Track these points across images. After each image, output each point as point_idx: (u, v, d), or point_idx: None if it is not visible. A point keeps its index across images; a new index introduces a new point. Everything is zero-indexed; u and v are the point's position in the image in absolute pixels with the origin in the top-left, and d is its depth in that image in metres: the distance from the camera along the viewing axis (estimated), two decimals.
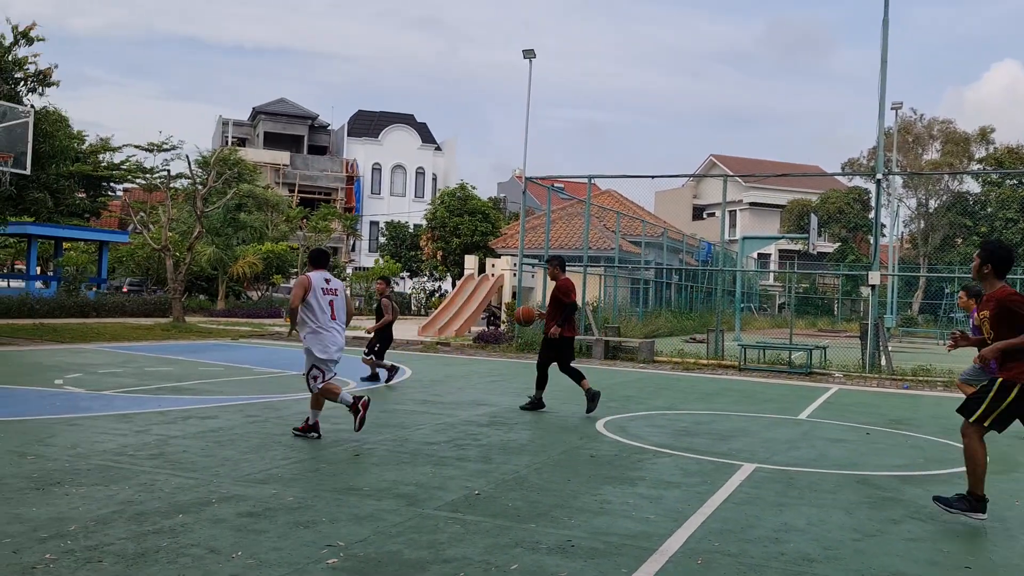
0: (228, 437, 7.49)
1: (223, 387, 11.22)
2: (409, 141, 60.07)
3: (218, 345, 18.74)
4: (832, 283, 52.27)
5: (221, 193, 31.17)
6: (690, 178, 65.81)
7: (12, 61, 17.38)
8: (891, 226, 40.16)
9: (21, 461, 6.22)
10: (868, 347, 16.85)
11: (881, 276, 18.27)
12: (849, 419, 10.36)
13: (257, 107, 61.01)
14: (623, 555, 4.53)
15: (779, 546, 4.83)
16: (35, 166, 17.12)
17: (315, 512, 5.12)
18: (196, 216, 26.57)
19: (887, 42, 17.21)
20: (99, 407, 9.12)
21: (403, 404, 10.10)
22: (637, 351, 18.26)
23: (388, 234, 47.01)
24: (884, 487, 6.53)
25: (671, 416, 10.06)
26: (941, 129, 49.40)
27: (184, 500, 5.28)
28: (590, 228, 24.05)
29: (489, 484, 6.06)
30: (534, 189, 40.00)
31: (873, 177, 18.61)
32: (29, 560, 4.07)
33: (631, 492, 6.00)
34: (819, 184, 58.90)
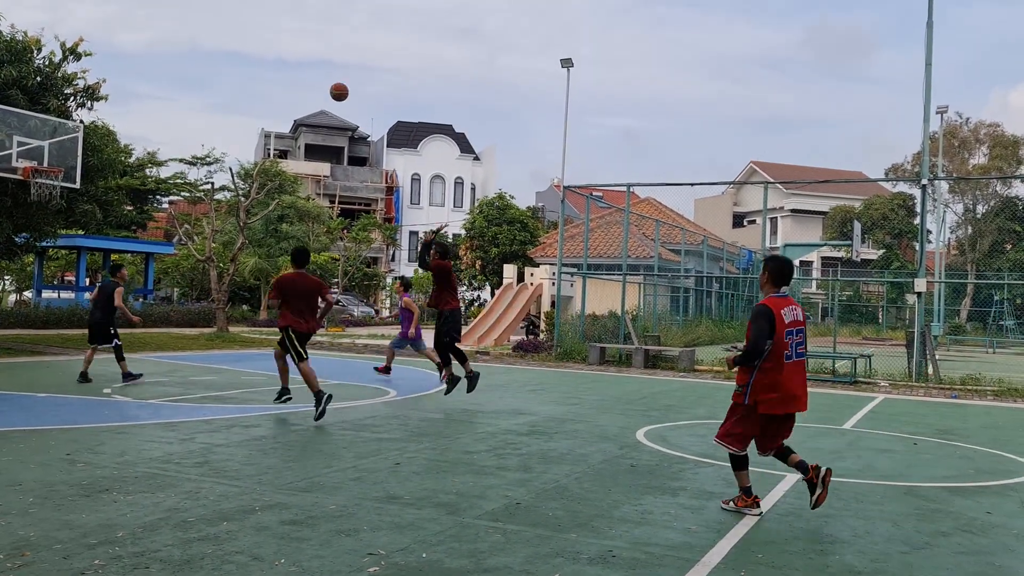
0: (271, 445, 7.58)
1: (266, 396, 11.36)
2: (448, 151, 60.42)
3: (260, 355, 18.98)
4: (877, 290, 51.37)
5: (263, 204, 31.64)
6: (730, 185, 65.31)
7: (61, 77, 17.84)
8: (937, 232, 39.38)
9: (71, 468, 6.36)
10: (915, 355, 16.53)
11: (927, 283, 17.93)
12: (895, 429, 10.17)
13: (298, 119, 61.84)
14: (665, 566, 4.49)
15: (824, 558, 4.75)
16: (84, 180, 17.52)
17: (356, 520, 5.15)
18: (239, 227, 27.01)
19: (931, 44, 16.93)
20: (146, 416, 9.29)
21: (443, 413, 10.14)
22: (677, 360, 18.11)
23: None
24: (932, 498, 6.39)
25: (712, 426, 9.93)
26: (988, 133, 48.38)
27: (228, 508, 5.35)
28: (629, 236, 23.95)
29: (529, 493, 6.05)
30: (572, 198, 40.00)
31: (918, 182, 18.28)
32: (79, 565, 4.16)
33: (672, 502, 5.95)
34: (862, 190, 58.02)
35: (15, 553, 4.30)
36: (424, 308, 12.27)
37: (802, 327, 5.78)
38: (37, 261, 30.39)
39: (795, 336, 5.66)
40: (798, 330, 5.71)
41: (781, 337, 5.56)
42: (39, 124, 16.18)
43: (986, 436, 9.85)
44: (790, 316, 5.65)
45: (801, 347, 5.74)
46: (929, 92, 16.89)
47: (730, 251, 38.62)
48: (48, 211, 17.43)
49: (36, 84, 17.16)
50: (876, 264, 52.08)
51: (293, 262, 9.71)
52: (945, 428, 10.45)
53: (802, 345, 5.75)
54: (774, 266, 5.83)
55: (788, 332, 5.59)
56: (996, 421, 11.41)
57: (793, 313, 5.68)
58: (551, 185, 65.62)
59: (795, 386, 5.66)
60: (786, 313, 5.63)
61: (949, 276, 42.64)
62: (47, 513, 5.09)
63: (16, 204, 17.03)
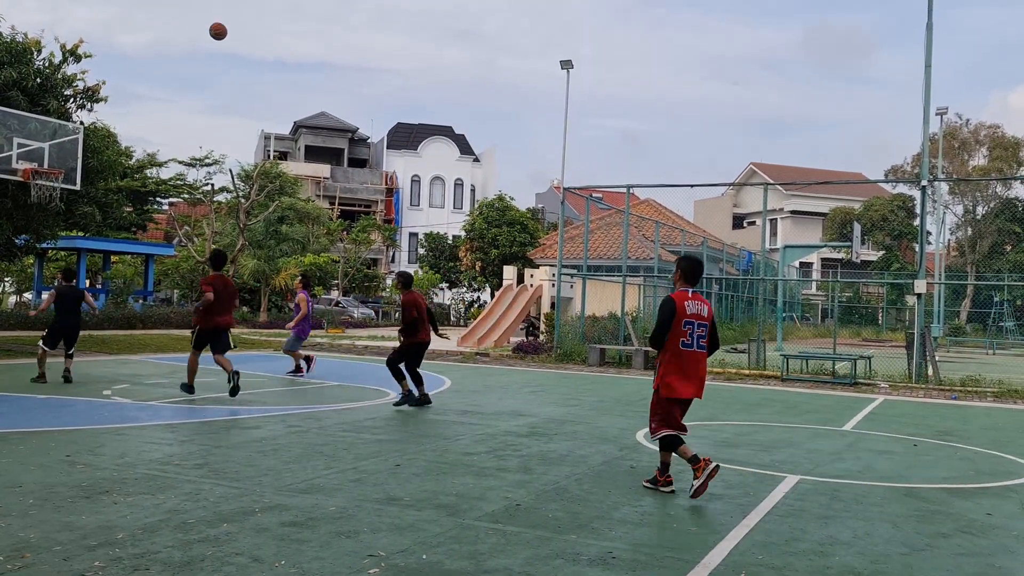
0: (271, 447, 7.58)
1: (265, 398, 11.36)
2: (448, 153, 60.46)
3: (260, 356, 18.99)
4: (876, 292, 51.39)
5: (263, 206, 31.65)
6: (730, 186, 65.33)
7: (61, 79, 17.84)
8: (937, 233, 39.41)
9: (71, 470, 6.36)
10: (915, 357, 16.53)
11: (927, 284, 17.94)
12: (895, 430, 10.17)
13: (298, 121, 61.89)
14: (665, 567, 4.49)
15: (824, 559, 4.75)
16: (84, 181, 17.52)
17: (357, 522, 5.15)
18: (239, 229, 27.01)
19: (931, 46, 16.94)
20: (146, 417, 9.29)
21: (443, 415, 10.14)
22: None
23: (427, 245, 47.32)
24: (933, 500, 6.39)
25: (713, 427, 9.96)
26: (988, 134, 48.40)
27: (228, 509, 5.35)
28: (629, 238, 23.95)
29: (529, 495, 6.05)
30: (572, 199, 40.01)
31: (918, 184, 18.29)
32: (79, 567, 4.16)
33: (672, 504, 5.95)
34: (862, 191, 58.03)
35: (15, 555, 4.30)
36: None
37: (705, 322, 6.33)
38: (37, 263, 30.39)
39: (695, 328, 6.27)
40: (699, 324, 6.29)
41: (679, 327, 6.20)
42: (39, 126, 16.19)
43: (986, 437, 9.85)
44: (692, 309, 6.27)
45: (703, 340, 6.33)
46: (929, 93, 16.91)
47: (730, 252, 38.63)
48: (48, 213, 17.43)
49: (36, 86, 17.16)
50: (876, 265, 52.10)
51: (212, 265, 11.49)
52: (945, 429, 10.45)
53: (704, 338, 6.33)
54: (685, 265, 6.48)
55: (687, 323, 6.23)
56: (996, 422, 11.41)
57: (696, 307, 6.29)
58: (551, 186, 65.63)
59: (696, 372, 6.31)
60: (688, 306, 6.27)
61: (949, 277, 42.65)
62: (47, 515, 5.09)
63: (16, 206, 17.03)
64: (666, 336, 6.23)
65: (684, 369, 6.26)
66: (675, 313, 6.21)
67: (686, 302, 6.27)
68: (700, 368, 6.38)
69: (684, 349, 6.24)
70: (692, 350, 6.26)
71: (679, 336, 6.22)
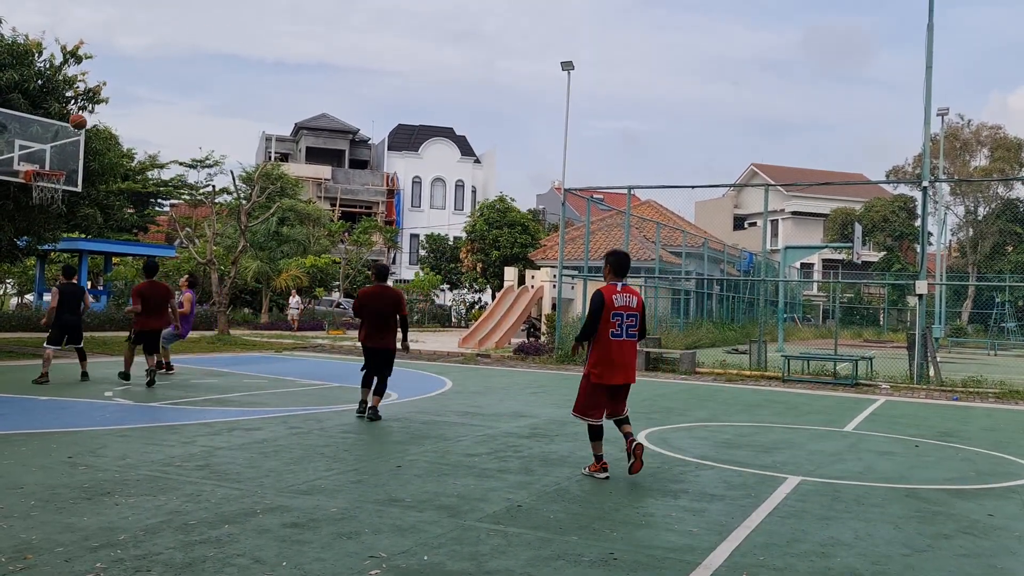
0: (272, 448, 7.59)
1: (267, 399, 11.37)
2: (449, 154, 60.47)
3: (262, 357, 19.00)
4: (878, 293, 51.36)
5: (264, 208, 31.66)
6: (731, 188, 65.32)
7: (62, 80, 17.85)
8: (938, 234, 39.40)
9: (73, 471, 6.36)
10: (916, 358, 16.52)
11: (928, 285, 17.92)
12: (897, 431, 10.16)
13: (299, 122, 61.90)
14: (666, 568, 4.49)
15: (826, 560, 4.74)
16: (86, 183, 17.53)
17: (358, 523, 5.15)
18: (240, 231, 27.02)
19: (932, 47, 16.94)
20: (147, 419, 9.30)
21: (444, 416, 10.14)
22: (678, 362, 18.11)
23: (428, 246, 47.33)
24: (934, 501, 6.39)
25: (713, 428, 9.96)
26: (990, 135, 48.39)
27: (230, 510, 5.35)
28: (630, 239, 23.95)
29: (531, 496, 6.05)
30: (573, 200, 40.02)
31: (919, 185, 18.29)
32: (80, 568, 4.16)
33: (674, 505, 5.95)
34: (863, 192, 58.03)
35: (17, 556, 4.31)
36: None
37: (634, 312, 6.78)
38: (39, 264, 30.42)
39: (624, 319, 6.71)
40: (628, 314, 6.74)
41: (608, 318, 6.64)
42: (40, 128, 16.20)
43: (988, 438, 9.84)
44: (621, 301, 6.72)
45: (632, 329, 6.76)
46: (929, 94, 16.91)
47: (731, 253, 38.63)
48: (50, 215, 17.45)
49: (37, 87, 17.18)
50: (877, 266, 52.09)
51: (145, 272, 12.52)
52: (946, 430, 10.44)
53: (634, 328, 6.77)
54: (614, 260, 6.93)
55: (616, 314, 6.67)
56: (998, 423, 11.40)
57: (625, 299, 6.74)
58: (552, 187, 65.63)
59: (622, 360, 6.72)
60: (617, 298, 6.71)
61: (950, 278, 42.62)
62: (49, 516, 5.10)
63: (18, 207, 17.05)
64: (597, 327, 6.65)
65: (613, 357, 6.67)
66: (604, 305, 6.65)
67: (614, 295, 6.72)
68: (629, 356, 6.79)
69: (613, 339, 6.67)
70: (621, 339, 6.70)
71: (608, 327, 6.66)
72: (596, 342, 6.70)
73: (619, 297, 6.72)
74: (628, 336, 6.73)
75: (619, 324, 6.68)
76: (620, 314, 6.68)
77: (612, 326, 6.66)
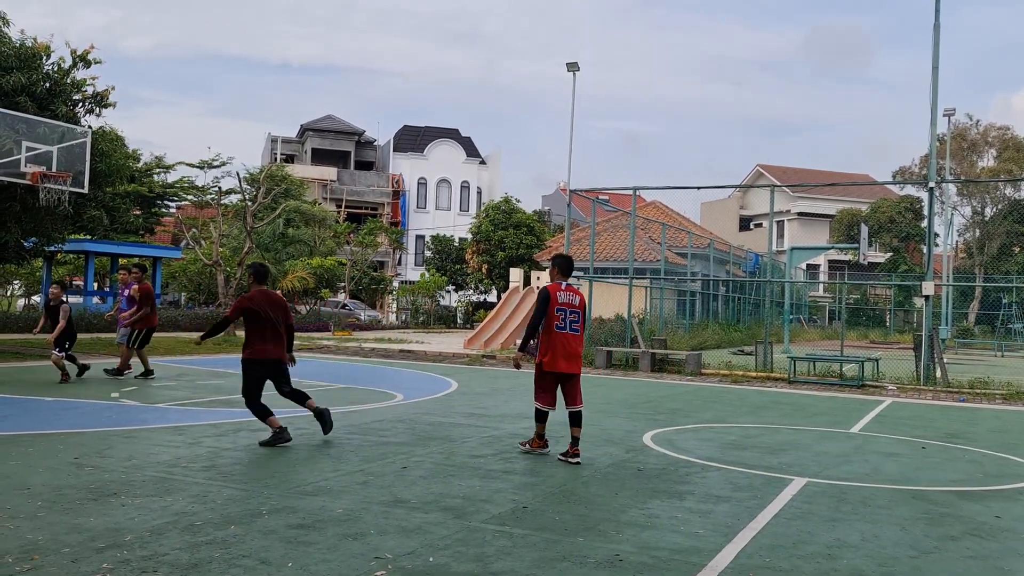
0: (277, 449, 7.60)
1: (272, 400, 11.37)
2: (454, 155, 60.48)
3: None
4: (884, 294, 51.21)
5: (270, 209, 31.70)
6: (737, 188, 65.24)
7: (70, 84, 17.91)
8: (945, 235, 39.28)
9: (79, 472, 6.38)
10: (922, 359, 16.47)
11: (935, 286, 17.86)
12: (903, 433, 10.13)
13: (305, 124, 61.97)
14: (672, 570, 4.48)
15: (832, 562, 4.73)
16: (92, 185, 17.58)
17: (363, 524, 5.16)
18: (246, 232, 27.09)
19: (939, 46, 16.89)
20: (154, 420, 9.32)
21: (449, 417, 10.14)
22: (684, 363, 18.09)
23: (434, 248, 47.36)
24: (941, 502, 6.37)
25: (719, 429, 9.94)
26: (997, 135, 48.23)
27: (235, 511, 5.36)
28: (635, 240, 23.94)
29: (536, 497, 6.05)
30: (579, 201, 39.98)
31: (926, 185, 18.23)
32: (87, 569, 4.17)
33: (679, 506, 5.94)
34: (869, 193, 57.87)
35: (24, 557, 4.32)
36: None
37: (576, 309, 7.60)
38: (45, 266, 30.51)
39: (568, 315, 7.52)
40: (571, 311, 7.55)
41: (552, 312, 7.46)
42: (47, 130, 16.26)
43: (995, 440, 9.80)
44: (564, 298, 7.54)
45: (576, 324, 7.57)
46: (936, 94, 16.85)
47: (737, 254, 38.57)
48: (56, 216, 17.50)
49: (44, 90, 17.23)
50: (883, 267, 51.94)
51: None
52: (953, 432, 10.41)
53: (576, 323, 7.57)
54: (560, 262, 7.80)
55: (559, 309, 7.48)
56: (1005, 425, 11.36)
57: (568, 297, 7.56)
58: (557, 189, 65.62)
59: (566, 351, 7.49)
60: (561, 295, 7.52)
61: (957, 279, 42.48)
62: (55, 517, 5.11)
63: (25, 209, 17.10)
64: (542, 320, 7.49)
65: (559, 348, 7.47)
66: (549, 301, 7.47)
67: (559, 292, 7.55)
68: (574, 347, 7.56)
69: (558, 331, 7.48)
70: (566, 332, 7.50)
71: (553, 320, 7.48)
72: (544, 335, 7.51)
73: (563, 295, 7.55)
74: (571, 330, 7.53)
75: (563, 318, 7.49)
76: (564, 309, 7.50)
77: (557, 319, 7.47)
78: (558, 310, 7.48)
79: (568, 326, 7.50)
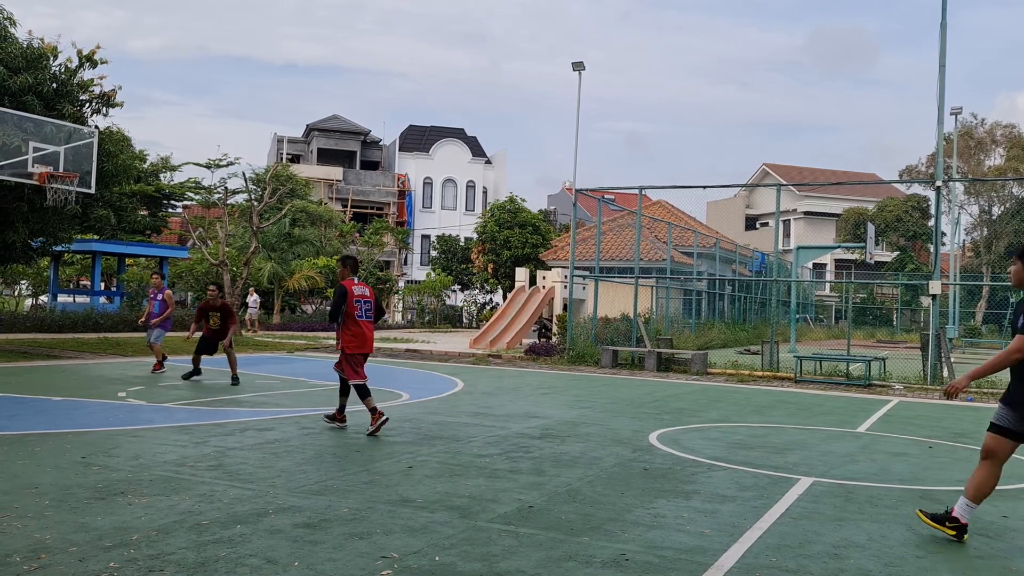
0: (284, 449, 7.61)
1: (279, 399, 11.40)
2: (459, 155, 60.47)
3: (274, 358, 19.06)
4: (891, 293, 51.07)
5: (276, 209, 31.76)
6: (743, 188, 65.15)
7: (77, 84, 17.97)
8: (952, 234, 39.16)
9: (86, 471, 6.40)
10: (929, 358, 16.43)
11: (942, 285, 17.81)
12: (910, 432, 10.11)
13: (311, 124, 62.01)
14: (678, 569, 4.48)
15: (839, 562, 4.72)
16: (99, 185, 17.65)
17: (370, 523, 5.16)
18: (252, 232, 27.13)
19: (945, 46, 16.85)
20: (160, 419, 9.35)
21: (455, 416, 10.15)
22: (690, 363, 18.06)
23: (439, 247, 47.38)
24: (948, 502, 6.34)
25: (725, 429, 9.93)
26: (1004, 134, 48.06)
27: (242, 511, 5.37)
28: (641, 239, 23.90)
29: (542, 497, 6.05)
30: (584, 201, 39.96)
31: (933, 184, 18.17)
32: (94, 568, 4.18)
33: (685, 506, 5.93)
34: (876, 192, 57.74)
35: (31, 556, 4.34)
36: None
37: (368, 299, 8.95)
38: (53, 265, 30.63)
39: (363, 305, 8.86)
40: (365, 301, 8.90)
41: (351, 303, 8.73)
42: (54, 129, 16.31)
43: None
44: (358, 291, 8.83)
45: (369, 312, 8.92)
46: (943, 93, 16.81)
47: (743, 254, 38.50)
48: (63, 216, 17.57)
49: (52, 91, 17.29)
50: (890, 266, 51.81)
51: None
52: (960, 431, 10.38)
53: (370, 311, 8.93)
54: (351, 263, 9.14)
55: (357, 301, 8.79)
56: None
57: (361, 290, 8.88)
58: (562, 188, 65.57)
59: (364, 336, 8.83)
60: (355, 289, 8.80)
61: (964, 278, 42.34)
62: (63, 516, 5.13)
63: (32, 209, 17.17)
64: (342, 311, 8.71)
65: (362, 332, 8.80)
66: (347, 294, 8.71)
67: (354, 287, 8.80)
68: (370, 332, 8.94)
69: (359, 319, 8.79)
70: (364, 320, 8.83)
71: (353, 310, 8.74)
72: (347, 324, 8.74)
73: (356, 288, 8.84)
74: (367, 317, 8.89)
75: (360, 308, 8.82)
76: (359, 300, 8.81)
77: (356, 309, 8.78)
78: (356, 301, 8.77)
79: (364, 314, 8.85)
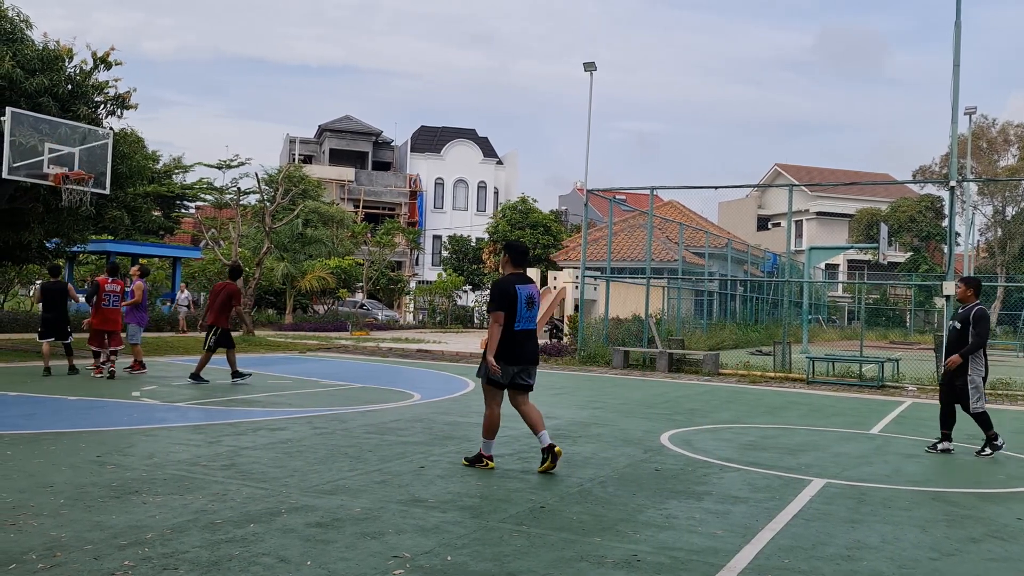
0: (297, 448, 7.64)
1: (291, 399, 11.44)
2: (471, 155, 60.53)
3: (286, 358, 19.13)
4: (904, 294, 50.79)
5: (288, 210, 31.86)
6: (755, 188, 64.94)
7: (92, 86, 18.08)
8: (966, 234, 38.88)
9: (101, 470, 6.45)
10: (943, 359, 16.30)
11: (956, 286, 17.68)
12: (924, 434, 10.05)
13: (323, 124, 62.23)
14: (690, 571, 4.47)
15: (852, 564, 4.70)
16: (114, 186, 17.75)
17: (382, 523, 5.18)
18: (264, 232, 27.24)
19: (959, 45, 16.74)
20: (174, 418, 9.40)
21: (467, 417, 10.16)
22: (701, 364, 18.02)
23: (451, 248, 47.44)
24: (962, 504, 6.31)
25: (737, 430, 9.90)
26: (1018, 133, 47.73)
27: (255, 510, 5.40)
28: (653, 240, 23.87)
29: (554, 497, 6.05)
30: (595, 201, 39.93)
31: (946, 184, 18.06)
32: (109, 566, 4.21)
33: (697, 507, 5.92)
34: (889, 192, 57.41)
35: (47, 554, 4.37)
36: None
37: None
38: (67, 266, 30.79)
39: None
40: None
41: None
42: (69, 131, 16.41)
43: (1017, 442, 9.71)
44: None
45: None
46: (957, 93, 16.68)
47: (755, 254, 38.37)
48: (78, 217, 17.67)
49: (67, 92, 17.40)
50: (903, 267, 51.52)
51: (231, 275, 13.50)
52: (974, 433, 10.29)
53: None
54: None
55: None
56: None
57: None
58: (574, 188, 65.53)
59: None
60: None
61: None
62: (78, 514, 5.17)
63: (47, 210, 17.28)
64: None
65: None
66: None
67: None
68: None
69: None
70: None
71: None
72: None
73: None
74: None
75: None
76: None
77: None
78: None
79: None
